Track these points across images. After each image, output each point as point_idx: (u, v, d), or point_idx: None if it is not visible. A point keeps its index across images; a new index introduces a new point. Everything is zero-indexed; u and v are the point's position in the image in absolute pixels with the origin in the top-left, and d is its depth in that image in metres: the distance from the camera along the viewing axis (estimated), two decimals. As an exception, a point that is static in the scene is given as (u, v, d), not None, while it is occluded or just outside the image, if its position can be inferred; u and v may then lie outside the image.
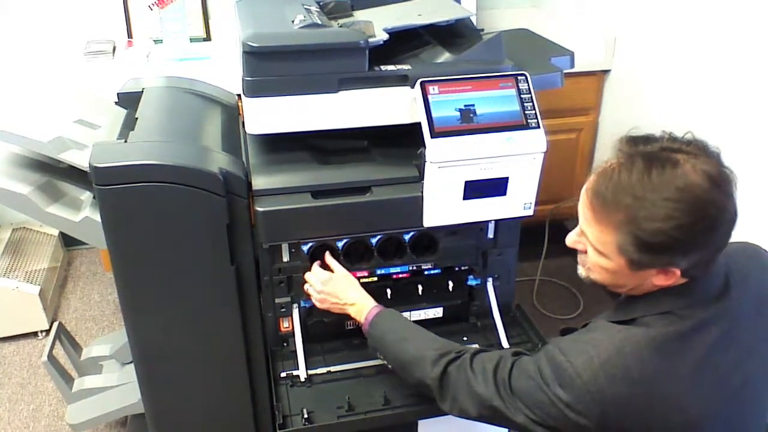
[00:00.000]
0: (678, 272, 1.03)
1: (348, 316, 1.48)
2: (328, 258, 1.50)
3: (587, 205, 1.07)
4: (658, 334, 1.04)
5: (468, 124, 1.37)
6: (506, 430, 1.52)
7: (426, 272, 1.62)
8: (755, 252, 1.20)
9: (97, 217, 1.36)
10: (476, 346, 1.61)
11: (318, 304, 1.50)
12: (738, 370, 1.07)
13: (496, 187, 1.43)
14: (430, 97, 1.37)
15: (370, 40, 1.35)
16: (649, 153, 1.01)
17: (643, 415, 1.03)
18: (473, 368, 1.20)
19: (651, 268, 1.04)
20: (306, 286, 1.51)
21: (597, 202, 1.04)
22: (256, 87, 1.33)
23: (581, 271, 1.17)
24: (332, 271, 1.50)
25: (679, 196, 0.96)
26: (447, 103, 1.37)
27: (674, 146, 1.01)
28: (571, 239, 1.15)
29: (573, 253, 1.20)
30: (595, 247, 1.08)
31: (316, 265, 1.50)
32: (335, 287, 1.47)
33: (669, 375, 1.03)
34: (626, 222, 1.00)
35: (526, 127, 1.40)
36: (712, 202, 0.97)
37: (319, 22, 1.42)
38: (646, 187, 0.98)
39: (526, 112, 1.40)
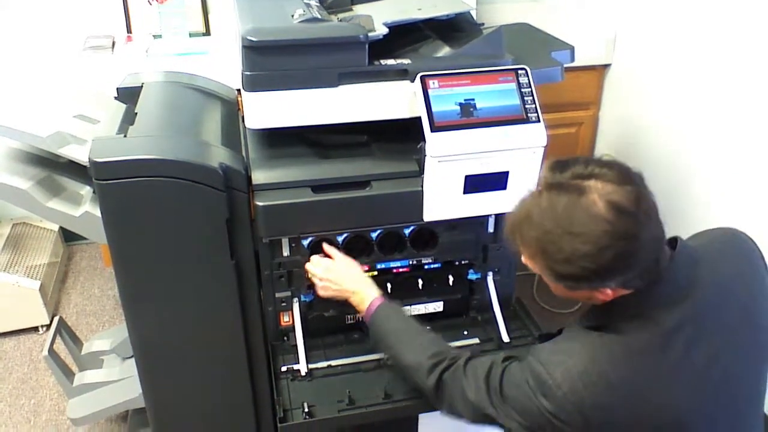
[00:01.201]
0: (610, 292, 1.04)
1: (350, 307, 1.49)
2: (327, 247, 1.49)
3: (512, 236, 1.09)
4: (633, 339, 1.05)
5: (468, 118, 1.37)
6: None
7: (426, 266, 1.62)
8: (735, 238, 1.18)
9: (97, 212, 1.36)
10: (477, 340, 1.62)
11: (321, 293, 1.49)
12: (716, 363, 1.06)
13: (496, 181, 1.43)
14: (430, 91, 1.36)
15: (369, 34, 1.35)
16: (559, 183, 1.01)
17: (628, 419, 1.04)
18: (466, 375, 1.21)
19: (581, 290, 1.06)
20: (310, 275, 1.51)
21: (513, 236, 1.07)
22: (255, 81, 1.33)
23: None
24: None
25: (581, 230, 0.96)
26: (447, 98, 1.37)
27: (586, 172, 1.00)
28: (522, 256, 1.15)
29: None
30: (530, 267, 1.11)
31: (315, 256, 1.50)
32: (338, 274, 1.46)
33: (648, 377, 1.03)
34: (538, 255, 1.03)
35: (526, 121, 1.39)
36: (617, 233, 0.96)
37: (319, 17, 1.41)
38: (552, 221, 0.99)
39: (527, 106, 1.40)
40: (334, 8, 1.61)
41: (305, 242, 1.50)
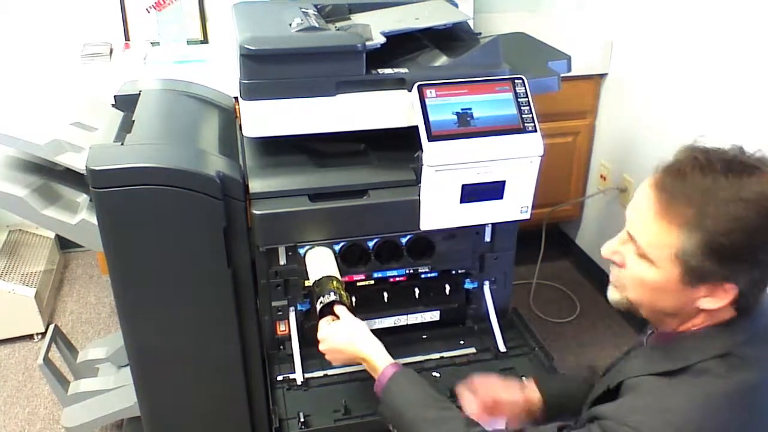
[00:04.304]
0: (733, 292, 0.94)
1: None
2: (337, 308, 1.34)
3: (653, 200, 0.96)
4: (732, 385, 0.94)
5: (465, 127, 1.38)
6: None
7: (423, 275, 1.62)
8: None
9: (94, 220, 1.35)
10: (473, 350, 1.62)
11: (334, 363, 1.38)
12: None
13: (493, 190, 1.43)
14: (427, 100, 1.37)
15: (367, 43, 1.35)
16: (726, 159, 0.95)
17: None
18: None
19: (705, 283, 0.95)
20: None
21: (665, 197, 0.95)
22: (253, 90, 1.34)
23: (612, 294, 1.07)
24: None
25: (752, 197, 0.90)
26: (444, 107, 1.37)
27: (747, 160, 0.95)
28: (609, 249, 1.04)
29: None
30: (645, 253, 0.97)
31: (322, 322, 1.35)
32: (339, 342, 1.30)
33: (758, 423, 0.96)
34: (696, 218, 0.92)
35: (523, 130, 1.40)
36: None
37: (317, 26, 1.42)
38: (720, 186, 0.91)
39: (523, 115, 1.40)
40: (332, 17, 1.61)
41: (302, 251, 1.49)
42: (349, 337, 1.30)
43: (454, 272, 1.64)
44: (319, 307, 1.34)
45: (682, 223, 0.93)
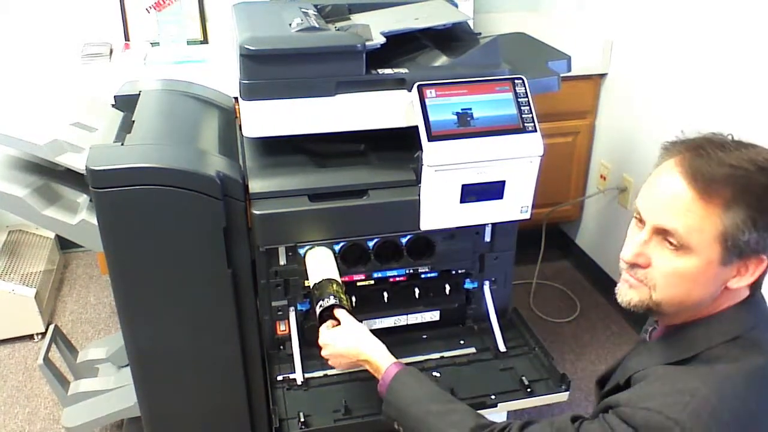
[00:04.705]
0: (766, 263, 0.95)
1: None
2: (337, 311, 1.35)
3: (686, 186, 0.94)
4: (746, 367, 0.94)
5: (465, 127, 1.38)
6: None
7: (423, 275, 1.62)
8: None
9: (94, 220, 1.35)
10: (473, 349, 1.62)
11: (338, 369, 1.41)
12: None
13: (492, 190, 1.43)
14: (427, 100, 1.37)
15: (367, 43, 1.36)
16: (727, 138, 0.98)
17: None
18: None
19: (742, 258, 0.94)
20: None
21: (699, 180, 0.93)
22: (253, 90, 1.34)
23: (629, 295, 1.03)
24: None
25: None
26: (444, 107, 1.37)
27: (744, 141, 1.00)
28: (632, 252, 0.99)
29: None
30: (685, 241, 0.94)
31: (323, 327, 1.36)
32: (338, 348, 1.31)
33: (765, 412, 0.95)
34: (736, 194, 0.91)
35: (522, 130, 1.40)
36: None
37: (317, 26, 1.42)
38: (742, 159, 0.93)
39: (523, 115, 1.40)
40: (331, 17, 1.62)
41: (302, 251, 1.49)
42: (351, 342, 1.31)
43: (454, 272, 1.64)
44: (318, 310, 1.35)
45: (722, 202, 0.92)
